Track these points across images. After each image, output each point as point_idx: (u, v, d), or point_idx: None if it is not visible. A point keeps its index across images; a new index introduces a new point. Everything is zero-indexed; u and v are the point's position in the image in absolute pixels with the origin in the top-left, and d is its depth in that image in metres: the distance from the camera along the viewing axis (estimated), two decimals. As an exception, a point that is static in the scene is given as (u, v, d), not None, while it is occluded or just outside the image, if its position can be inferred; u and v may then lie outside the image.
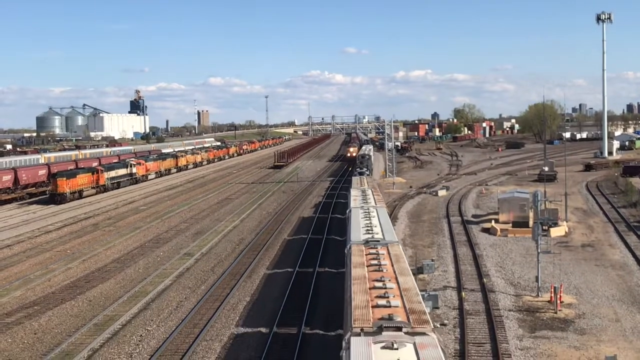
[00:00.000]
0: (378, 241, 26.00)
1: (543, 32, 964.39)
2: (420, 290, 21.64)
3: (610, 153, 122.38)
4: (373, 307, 17.02)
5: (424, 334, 14.93)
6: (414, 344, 14.03)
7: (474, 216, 56.75)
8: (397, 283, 19.54)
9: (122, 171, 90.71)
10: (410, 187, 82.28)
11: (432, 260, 38.38)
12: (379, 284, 19.12)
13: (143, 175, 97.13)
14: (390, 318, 15.63)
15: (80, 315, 31.46)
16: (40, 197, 77.69)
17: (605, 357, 21.91)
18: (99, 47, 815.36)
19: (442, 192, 73.33)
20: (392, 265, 21.87)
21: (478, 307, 30.88)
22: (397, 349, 13.76)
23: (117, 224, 58.73)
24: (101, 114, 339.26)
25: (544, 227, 37.62)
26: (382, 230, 29.17)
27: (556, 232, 46.83)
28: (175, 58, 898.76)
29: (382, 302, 17.30)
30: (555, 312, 29.72)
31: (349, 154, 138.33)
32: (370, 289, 18.80)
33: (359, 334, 15.10)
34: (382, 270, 20.97)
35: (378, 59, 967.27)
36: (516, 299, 32.12)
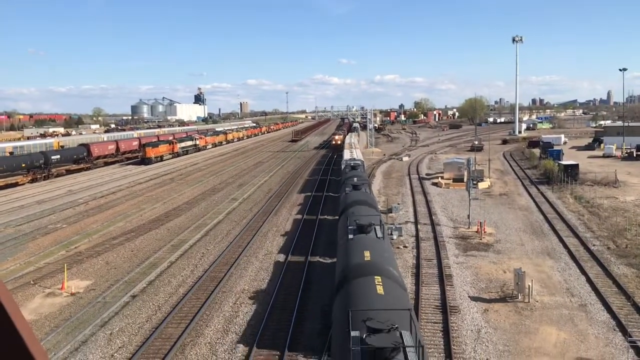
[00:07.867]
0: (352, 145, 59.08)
1: (475, 47, 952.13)
2: (389, 224, 22.54)
3: (520, 132, 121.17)
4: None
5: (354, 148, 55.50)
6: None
7: (427, 174, 56.46)
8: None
9: (189, 143, 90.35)
10: (384, 154, 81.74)
11: (398, 204, 38.35)
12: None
13: (203, 146, 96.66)
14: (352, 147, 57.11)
15: (162, 239, 31.65)
16: (134, 160, 77.61)
17: (514, 269, 21.96)
18: (172, 58, 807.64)
19: (405, 158, 72.92)
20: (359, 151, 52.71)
21: (429, 235, 30.92)
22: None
23: (186, 179, 58.67)
24: (175, 104, 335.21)
25: (474, 182, 37.46)
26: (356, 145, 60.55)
27: (482, 185, 46.70)
28: (224, 65, 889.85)
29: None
30: (480, 239, 29.80)
31: (333, 142, 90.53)
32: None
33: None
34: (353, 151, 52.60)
35: (362, 66, 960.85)
36: (454, 230, 32.17)
